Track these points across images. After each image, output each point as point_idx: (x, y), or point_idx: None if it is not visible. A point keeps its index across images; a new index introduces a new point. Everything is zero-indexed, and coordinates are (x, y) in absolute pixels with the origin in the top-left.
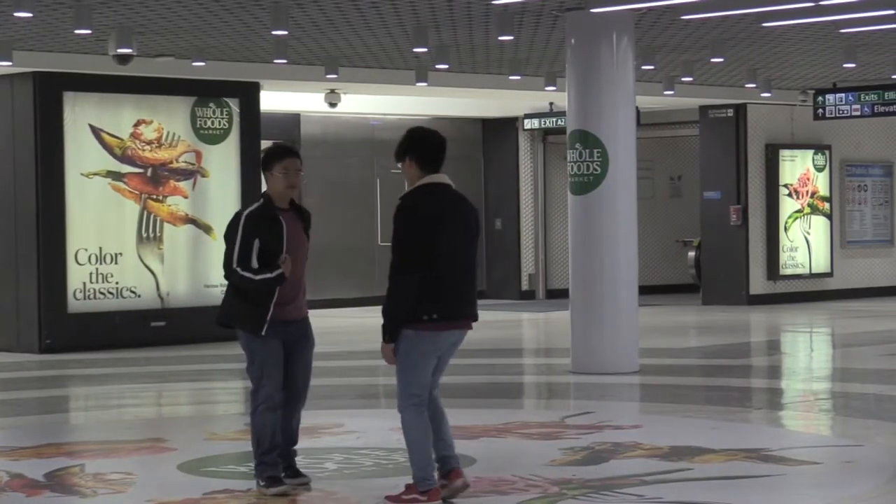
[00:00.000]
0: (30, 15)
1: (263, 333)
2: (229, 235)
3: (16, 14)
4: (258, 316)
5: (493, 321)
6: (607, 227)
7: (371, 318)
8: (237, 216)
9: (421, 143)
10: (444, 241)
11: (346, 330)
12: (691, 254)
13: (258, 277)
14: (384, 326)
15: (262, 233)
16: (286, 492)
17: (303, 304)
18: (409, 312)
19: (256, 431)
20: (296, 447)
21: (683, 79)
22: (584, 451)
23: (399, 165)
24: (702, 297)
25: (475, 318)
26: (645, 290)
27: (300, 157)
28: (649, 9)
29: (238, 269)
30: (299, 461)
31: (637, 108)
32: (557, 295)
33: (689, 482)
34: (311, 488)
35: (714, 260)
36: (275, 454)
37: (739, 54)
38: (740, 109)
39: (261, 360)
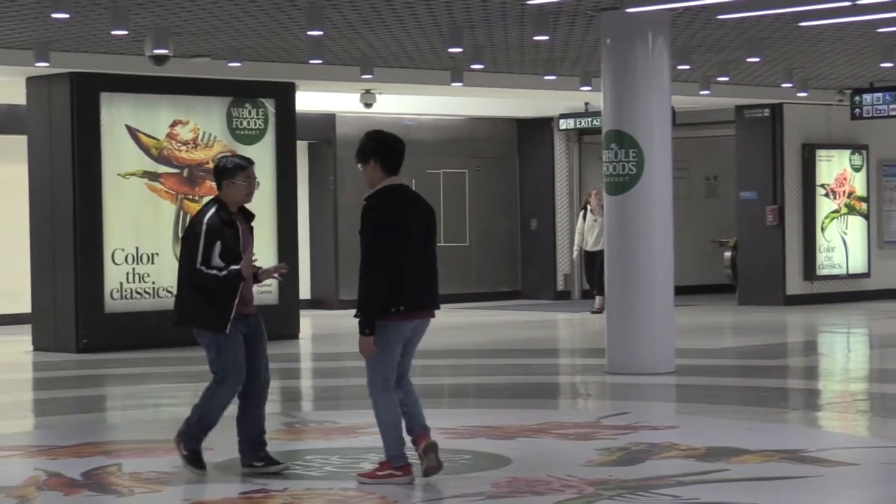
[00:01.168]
0: (67, 16)
1: (227, 331)
2: (190, 240)
3: (53, 15)
4: (222, 315)
5: (528, 321)
6: (643, 227)
7: None
8: (197, 222)
9: (387, 148)
10: (408, 239)
11: None
12: (727, 254)
13: (223, 273)
14: (363, 321)
15: (222, 236)
16: (204, 475)
17: (253, 298)
18: (375, 305)
19: (208, 411)
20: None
21: (719, 78)
22: (620, 452)
23: (359, 166)
24: (738, 298)
25: (437, 308)
26: (681, 291)
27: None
28: (685, 8)
29: (202, 268)
30: (338, 461)
31: (673, 107)
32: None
33: (726, 483)
34: (288, 476)
35: (750, 260)
36: (205, 433)
37: (776, 54)
38: (777, 109)
39: (227, 354)
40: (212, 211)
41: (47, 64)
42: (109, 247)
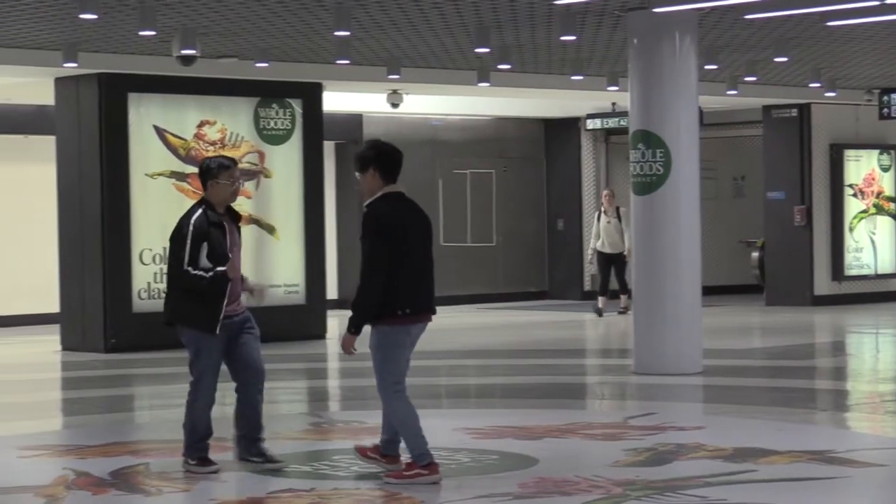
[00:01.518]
0: (95, 17)
1: (217, 332)
2: (178, 241)
3: (81, 16)
4: (212, 316)
5: (555, 322)
6: (670, 227)
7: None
8: (184, 224)
9: (386, 157)
10: (409, 244)
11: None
12: (755, 254)
13: (209, 275)
14: (353, 320)
15: (209, 236)
16: (219, 470)
17: (240, 296)
18: (379, 309)
19: (192, 421)
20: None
21: (747, 78)
22: (647, 452)
23: (357, 174)
24: (765, 298)
25: (434, 313)
26: (708, 291)
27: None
28: (712, 8)
29: (190, 270)
30: (365, 461)
31: (700, 107)
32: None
33: (754, 484)
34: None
35: (778, 260)
36: (205, 442)
37: (803, 54)
38: (804, 109)
39: (206, 358)
40: (198, 212)
41: (75, 64)
42: (137, 247)
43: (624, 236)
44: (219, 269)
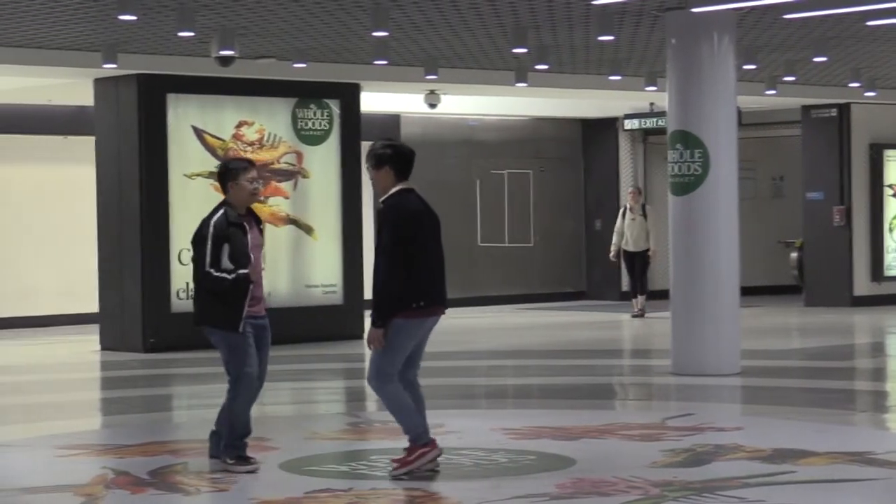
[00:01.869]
0: (134, 18)
1: (241, 330)
2: (199, 243)
3: (120, 17)
4: (234, 315)
5: (593, 322)
6: (708, 227)
7: (472, 319)
8: (205, 225)
9: (402, 155)
10: (425, 238)
11: (446, 330)
12: (794, 255)
13: (231, 276)
14: (379, 315)
15: (230, 237)
16: (257, 469)
17: (263, 298)
18: (399, 302)
19: (236, 416)
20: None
21: (785, 78)
22: (685, 453)
23: (370, 170)
24: (804, 299)
25: (446, 306)
26: (746, 292)
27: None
28: (751, 8)
29: (212, 271)
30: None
31: (738, 107)
32: (658, 296)
33: (792, 485)
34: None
35: (817, 261)
36: (243, 440)
37: (843, 53)
38: (844, 109)
39: (242, 354)
40: (219, 213)
41: (115, 66)
42: (176, 247)
43: (650, 235)
44: (241, 271)
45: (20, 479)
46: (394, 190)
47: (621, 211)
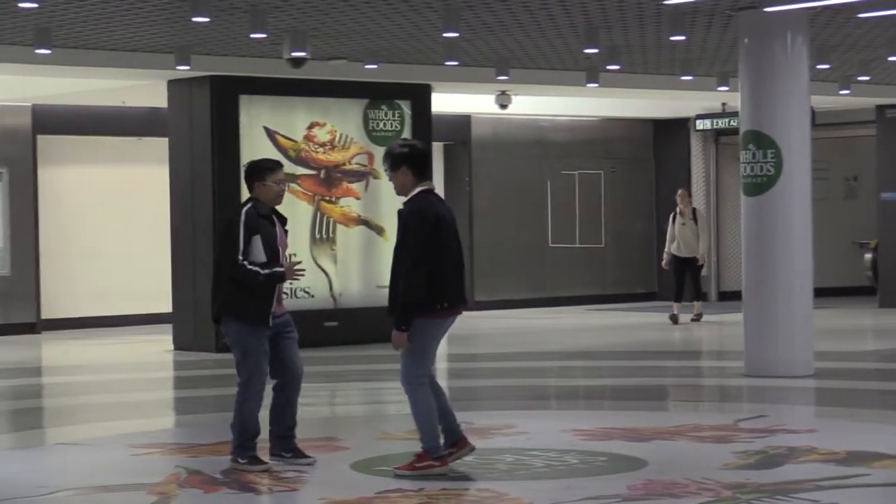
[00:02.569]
0: (207, 20)
1: (270, 324)
2: (229, 233)
3: (193, 19)
4: (263, 308)
5: (665, 323)
6: (781, 228)
7: (542, 320)
8: (235, 215)
9: (419, 155)
10: (447, 239)
11: (517, 331)
12: (868, 256)
13: (265, 272)
14: (402, 317)
15: (261, 230)
16: (270, 468)
17: (281, 298)
18: (424, 304)
19: (245, 419)
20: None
21: (859, 78)
22: (757, 455)
23: (388, 171)
24: (879, 300)
25: (467, 306)
26: (820, 293)
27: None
28: (824, 7)
29: (245, 263)
30: (473, 461)
31: (812, 107)
32: (730, 297)
33: (866, 488)
34: (314, 465)
35: (892, 262)
36: (254, 441)
37: None
38: None
39: (256, 355)
40: (248, 206)
41: (188, 67)
42: None
43: (700, 239)
44: (278, 269)
45: (95, 477)
46: (415, 192)
47: (672, 215)
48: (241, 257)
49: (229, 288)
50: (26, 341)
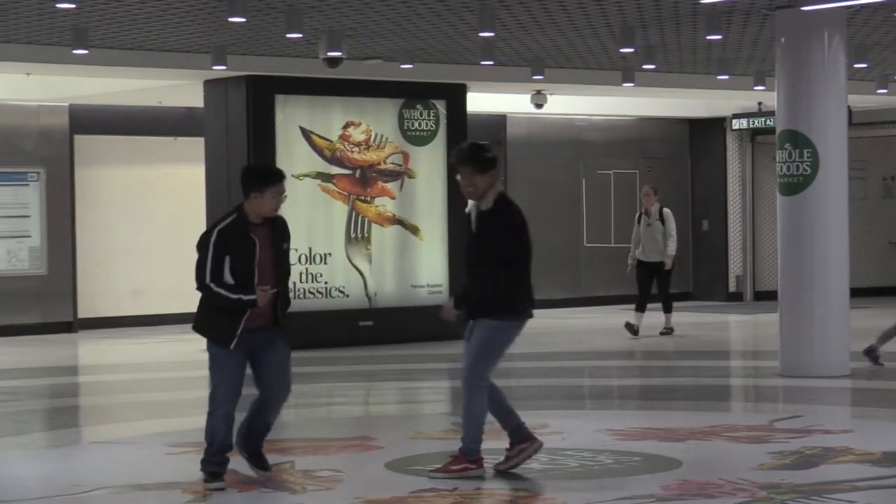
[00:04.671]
0: (243, 20)
1: (232, 347)
2: (201, 248)
3: (230, 19)
4: (229, 330)
5: (700, 323)
6: (817, 228)
7: (577, 319)
8: (209, 230)
9: (496, 160)
10: (529, 241)
11: (552, 331)
12: None
13: (233, 296)
14: (471, 304)
15: (233, 250)
16: (223, 487)
17: (268, 311)
18: (500, 303)
19: (209, 433)
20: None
21: None
22: (793, 456)
23: (473, 174)
24: None
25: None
26: (856, 293)
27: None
28: (862, 6)
29: (212, 285)
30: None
31: (849, 107)
32: (765, 297)
33: None
34: (281, 475)
35: None
36: (222, 455)
37: None
38: None
39: (219, 369)
40: (227, 221)
41: (224, 67)
42: None
43: (667, 242)
44: (247, 297)
45: (131, 475)
46: (498, 192)
47: (636, 216)
48: (210, 280)
49: (200, 305)
50: (63, 340)
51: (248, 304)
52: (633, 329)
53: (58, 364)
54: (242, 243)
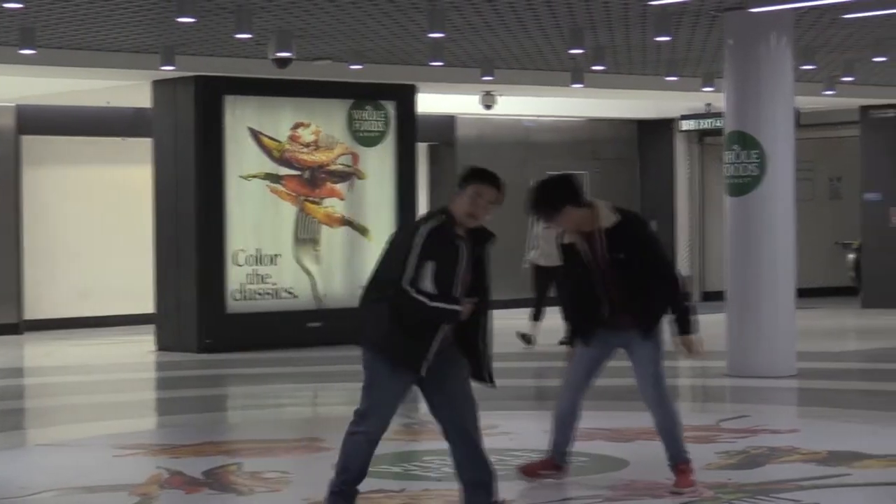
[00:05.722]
0: (192, 20)
1: (423, 373)
2: (399, 248)
3: (179, 19)
4: (419, 351)
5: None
6: (765, 229)
7: (526, 320)
8: (415, 228)
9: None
10: None
11: (500, 331)
12: (851, 256)
13: (432, 304)
14: (688, 320)
15: (440, 256)
16: None
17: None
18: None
19: (346, 456)
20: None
21: (844, 79)
22: (739, 455)
23: (575, 210)
24: (862, 300)
25: None
26: (803, 293)
27: (501, 190)
28: (809, 8)
29: (410, 290)
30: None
31: (796, 108)
32: (713, 297)
33: (848, 488)
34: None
35: (874, 262)
36: (355, 486)
37: None
38: None
39: (381, 390)
40: (435, 222)
41: (173, 67)
42: (231, 248)
43: None
44: (451, 307)
45: (77, 478)
46: (613, 210)
47: (531, 219)
48: (407, 284)
49: (385, 317)
50: (9, 342)
51: (451, 314)
52: (528, 339)
53: (4, 366)
54: (449, 250)
